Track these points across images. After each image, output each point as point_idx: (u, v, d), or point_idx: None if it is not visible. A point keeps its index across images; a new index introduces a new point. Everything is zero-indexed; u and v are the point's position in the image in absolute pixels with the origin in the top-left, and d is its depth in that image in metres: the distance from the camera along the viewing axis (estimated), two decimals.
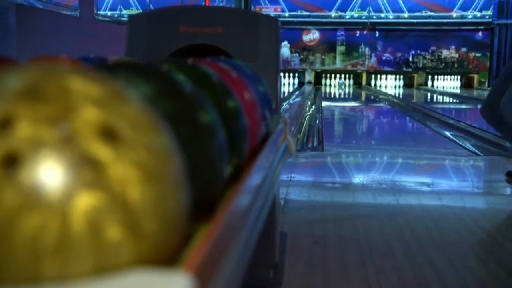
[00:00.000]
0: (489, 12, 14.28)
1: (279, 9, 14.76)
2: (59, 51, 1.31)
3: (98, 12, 6.82)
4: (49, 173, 0.29)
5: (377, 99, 11.07)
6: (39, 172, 0.29)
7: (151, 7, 9.55)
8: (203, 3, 10.71)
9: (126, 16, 8.61)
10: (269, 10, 14.52)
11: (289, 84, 14.31)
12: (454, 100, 11.39)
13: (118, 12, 10.34)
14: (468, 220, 2.35)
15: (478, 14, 14.38)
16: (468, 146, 4.82)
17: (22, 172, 0.28)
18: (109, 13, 10.27)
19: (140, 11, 9.54)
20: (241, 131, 0.76)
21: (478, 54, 14.74)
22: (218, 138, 0.58)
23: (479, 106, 3.92)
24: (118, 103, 0.33)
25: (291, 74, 14.78)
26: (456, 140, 5.21)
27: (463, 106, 10.12)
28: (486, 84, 13.88)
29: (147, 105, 0.37)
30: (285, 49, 14.58)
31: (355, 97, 12.25)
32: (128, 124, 0.32)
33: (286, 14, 14.71)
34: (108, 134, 0.31)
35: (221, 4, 12.37)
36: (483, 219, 2.42)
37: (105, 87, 0.34)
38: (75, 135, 0.30)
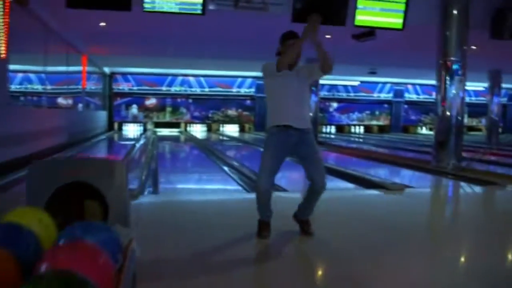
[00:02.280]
0: (252, 89, 23.81)
1: (130, 85, 22.42)
2: None
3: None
4: None
5: (190, 140, 19.46)
6: None
7: (47, 84, 11.14)
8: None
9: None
10: (124, 85, 22.35)
11: (137, 130, 22.66)
12: (235, 138, 20.63)
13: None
14: None
15: (247, 90, 23.98)
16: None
17: None
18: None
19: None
20: None
21: (247, 113, 23.94)
22: None
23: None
24: None
25: (139, 125, 22.81)
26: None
27: (240, 144, 18.12)
28: (252, 129, 23.67)
29: None
30: (134, 110, 22.82)
31: (178, 138, 20.43)
32: None
33: (135, 88, 22.50)
34: None
35: (93, 81, 19.07)
36: None
37: None
38: None
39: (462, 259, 3.64)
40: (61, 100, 13.07)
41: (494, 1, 9.14)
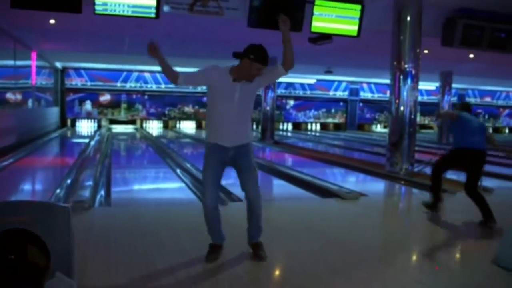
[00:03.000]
0: None
1: (83, 80, 21.62)
2: None
3: None
4: None
5: (146, 137, 19.15)
6: None
7: None
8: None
9: None
10: (77, 81, 21.53)
11: (92, 127, 22.05)
12: (191, 135, 20.47)
13: None
14: None
15: (204, 87, 23.89)
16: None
17: None
18: None
19: None
20: None
21: (204, 110, 23.76)
22: None
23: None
24: None
25: (92, 121, 22.25)
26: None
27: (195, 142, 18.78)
28: None
29: None
30: (88, 106, 22.08)
31: (134, 135, 19.89)
32: None
33: (89, 83, 21.71)
34: None
35: (44, 76, 18.12)
36: None
37: None
38: None
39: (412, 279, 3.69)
40: (10, 96, 12.52)
41: (445, 10, 9.37)
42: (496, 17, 9.56)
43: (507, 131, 30.40)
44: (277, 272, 3.66)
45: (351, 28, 8.30)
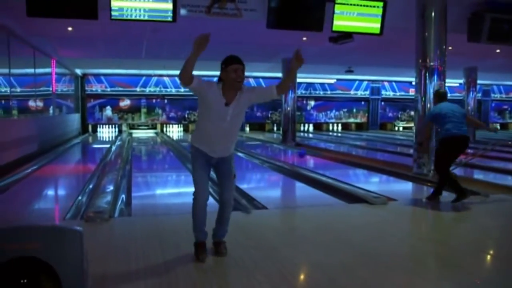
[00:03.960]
0: None
1: (103, 86, 21.77)
2: None
3: None
4: None
5: (168, 141, 19.06)
6: None
7: None
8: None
9: None
10: (97, 87, 21.70)
11: (112, 132, 22.18)
12: None
13: None
14: None
15: None
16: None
17: None
18: None
19: None
20: None
21: None
22: None
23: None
24: None
25: (113, 126, 22.28)
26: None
27: None
28: None
29: None
30: (108, 111, 22.21)
31: (155, 139, 20.00)
32: None
33: (108, 89, 21.83)
34: None
35: (64, 83, 18.29)
36: None
37: None
38: None
39: None
40: (31, 103, 12.57)
41: (470, 5, 9.02)
42: None
43: None
44: (304, 287, 3.45)
45: (374, 26, 8.04)
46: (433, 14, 8.05)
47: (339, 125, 26.00)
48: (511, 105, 28.73)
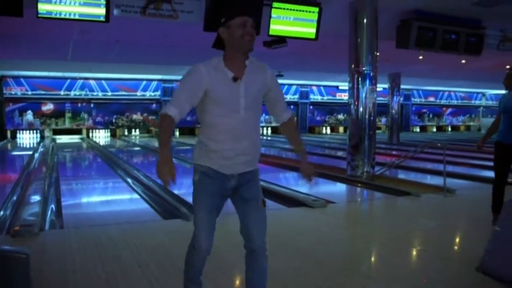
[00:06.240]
0: (158, 92, 22.85)
1: (24, 89, 20.44)
2: None
3: None
4: None
5: (95, 147, 18.18)
6: None
7: None
8: None
9: None
10: (16, 90, 20.32)
11: (34, 138, 20.88)
12: (140, 142, 19.84)
13: None
14: None
15: (152, 94, 22.79)
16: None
17: None
18: None
19: None
20: None
21: (153, 117, 23.03)
22: None
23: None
24: None
25: (35, 132, 21.07)
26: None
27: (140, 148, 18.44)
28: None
29: None
30: (29, 116, 20.90)
31: (80, 145, 19.18)
32: None
33: (30, 92, 20.56)
34: None
35: None
36: None
37: None
38: None
39: None
40: None
41: (399, 13, 9.39)
42: (446, 19, 9.70)
43: (449, 129, 31.45)
44: None
45: (309, 30, 8.13)
46: (365, 20, 8.29)
47: (269, 128, 26.22)
48: (430, 109, 30.38)
